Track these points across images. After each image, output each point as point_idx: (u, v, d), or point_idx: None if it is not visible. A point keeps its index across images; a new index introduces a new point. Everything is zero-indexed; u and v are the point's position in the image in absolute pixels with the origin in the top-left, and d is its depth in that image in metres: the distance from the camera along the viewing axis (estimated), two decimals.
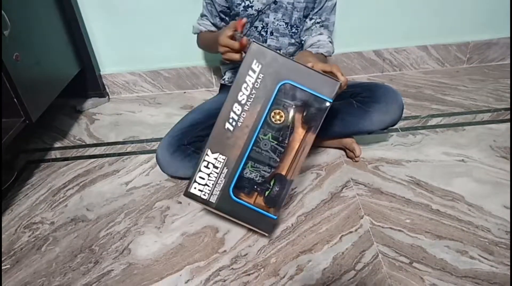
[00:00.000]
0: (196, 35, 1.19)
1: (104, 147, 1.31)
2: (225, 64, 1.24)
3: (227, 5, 1.07)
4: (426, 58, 1.59)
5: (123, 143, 1.32)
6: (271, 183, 0.81)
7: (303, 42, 1.09)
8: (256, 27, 1.06)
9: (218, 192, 0.79)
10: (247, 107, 0.76)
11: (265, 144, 0.80)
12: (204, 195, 0.80)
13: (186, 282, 0.82)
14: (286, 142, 0.80)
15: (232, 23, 0.84)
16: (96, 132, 1.39)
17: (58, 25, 1.34)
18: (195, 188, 0.80)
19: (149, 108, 1.53)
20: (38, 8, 1.22)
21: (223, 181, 0.79)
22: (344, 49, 1.56)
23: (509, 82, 1.46)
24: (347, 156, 1.14)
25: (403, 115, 1.05)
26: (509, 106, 1.31)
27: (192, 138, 1.01)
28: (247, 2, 1.02)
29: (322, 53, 1.03)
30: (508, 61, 1.61)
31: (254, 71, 0.75)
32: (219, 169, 0.78)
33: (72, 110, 1.54)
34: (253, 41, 0.75)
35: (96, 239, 0.94)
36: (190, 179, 0.80)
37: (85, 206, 1.05)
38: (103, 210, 1.03)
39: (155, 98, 1.60)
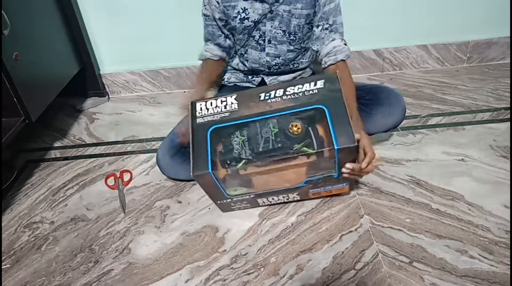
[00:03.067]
0: (201, 61, 1.14)
1: (104, 146, 1.31)
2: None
3: (225, 18, 1.02)
4: (426, 58, 1.59)
5: (123, 142, 1.32)
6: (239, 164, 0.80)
7: (317, 52, 1.05)
8: (254, 37, 1.03)
9: (207, 119, 0.85)
10: (285, 97, 0.83)
11: (266, 132, 0.81)
12: (201, 118, 0.85)
13: (186, 282, 0.82)
14: (283, 151, 0.79)
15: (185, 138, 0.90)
16: (96, 132, 1.39)
17: (58, 25, 1.34)
18: (199, 104, 0.87)
19: (149, 107, 1.53)
20: (38, 7, 1.22)
21: (219, 118, 0.84)
22: None
23: (509, 81, 1.46)
24: None
25: None
26: (509, 106, 1.31)
27: None
28: (243, 15, 1.00)
29: (342, 59, 1.01)
30: (508, 60, 1.61)
31: (315, 84, 0.84)
32: (226, 109, 0.85)
33: (72, 109, 1.54)
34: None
35: (96, 238, 0.94)
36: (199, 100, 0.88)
37: (85, 206, 1.05)
38: (103, 209, 1.03)
39: (155, 97, 1.60)
